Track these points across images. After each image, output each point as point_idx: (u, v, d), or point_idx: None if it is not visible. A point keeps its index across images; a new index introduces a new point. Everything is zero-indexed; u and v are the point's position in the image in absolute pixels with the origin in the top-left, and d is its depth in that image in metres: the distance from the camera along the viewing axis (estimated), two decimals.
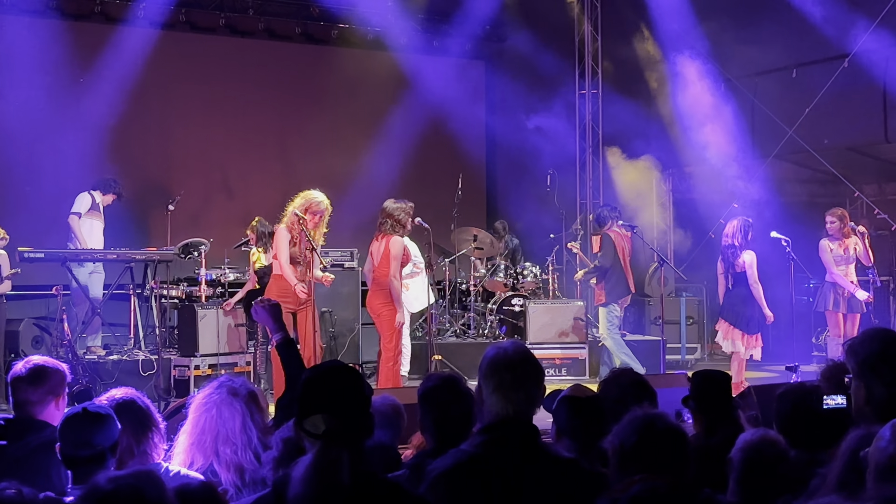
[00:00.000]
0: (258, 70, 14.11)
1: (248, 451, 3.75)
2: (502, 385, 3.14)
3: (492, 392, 3.17)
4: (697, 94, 13.29)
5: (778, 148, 12.58)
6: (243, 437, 3.76)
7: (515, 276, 12.70)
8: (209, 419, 3.77)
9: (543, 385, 3.27)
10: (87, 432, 3.38)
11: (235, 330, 10.05)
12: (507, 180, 14.41)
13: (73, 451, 3.37)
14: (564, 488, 3.07)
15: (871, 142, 12.73)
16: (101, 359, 10.00)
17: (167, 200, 11.33)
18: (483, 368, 3.22)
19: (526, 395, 3.15)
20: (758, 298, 9.55)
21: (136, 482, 2.56)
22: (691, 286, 13.85)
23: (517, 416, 3.14)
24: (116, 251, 10.50)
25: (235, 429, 3.76)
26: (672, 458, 2.90)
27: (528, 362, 3.20)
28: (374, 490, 2.66)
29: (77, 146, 11.53)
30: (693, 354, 13.14)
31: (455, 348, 11.72)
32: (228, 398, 3.80)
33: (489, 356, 3.22)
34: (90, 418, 3.42)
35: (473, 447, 3.13)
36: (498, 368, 3.17)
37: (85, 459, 3.36)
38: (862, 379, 3.26)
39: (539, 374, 3.23)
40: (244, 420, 3.78)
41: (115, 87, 12.04)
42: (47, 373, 4.16)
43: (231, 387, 3.85)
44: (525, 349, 3.27)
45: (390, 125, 13.71)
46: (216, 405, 3.79)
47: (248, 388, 3.88)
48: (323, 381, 2.76)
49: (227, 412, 3.77)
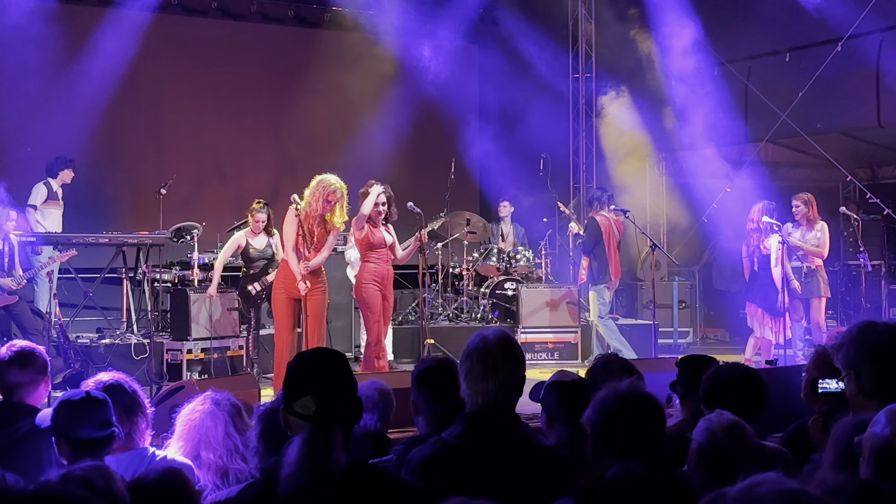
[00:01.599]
0: (250, 53, 14.07)
1: (233, 456, 3.85)
2: (472, 373, 3.14)
3: (463, 379, 3.18)
4: (691, 78, 13.28)
5: (771, 132, 12.58)
6: (227, 443, 3.86)
7: (508, 260, 12.70)
8: (192, 427, 3.87)
9: (522, 374, 3.21)
10: (105, 413, 3.39)
11: (228, 314, 10.04)
12: (500, 164, 14.38)
13: (95, 433, 3.35)
14: (544, 476, 3.05)
15: (864, 126, 12.73)
16: (94, 343, 9.99)
17: (159, 184, 11.30)
18: (461, 355, 3.22)
19: (497, 385, 3.12)
20: (776, 281, 9.63)
21: (83, 473, 2.56)
22: (684, 270, 13.87)
23: (488, 405, 3.12)
24: (109, 235, 10.50)
25: (218, 436, 3.86)
26: (648, 429, 2.89)
27: (505, 351, 3.17)
28: (362, 476, 2.66)
29: (68, 130, 11.49)
30: (685, 338, 13.17)
31: (448, 332, 11.74)
32: (212, 408, 3.91)
33: (469, 343, 3.22)
34: (100, 401, 3.42)
35: (452, 437, 3.12)
36: (470, 356, 3.16)
37: (103, 440, 3.36)
38: (851, 371, 3.28)
39: (516, 364, 3.18)
40: (227, 428, 3.88)
41: (107, 70, 11.99)
42: (34, 355, 4.16)
43: (215, 398, 3.95)
44: (506, 337, 3.23)
45: (383, 109, 13.68)
46: (200, 414, 3.90)
47: (231, 402, 3.99)
48: (311, 365, 2.76)
49: (209, 420, 3.88)
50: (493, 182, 14.62)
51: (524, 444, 3.14)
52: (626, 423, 2.88)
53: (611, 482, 2.76)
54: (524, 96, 13.87)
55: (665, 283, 13.34)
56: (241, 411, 3.99)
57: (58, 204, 10.77)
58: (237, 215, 11.24)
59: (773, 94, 12.49)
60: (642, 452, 2.85)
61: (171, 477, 2.90)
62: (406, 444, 3.63)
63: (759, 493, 1.47)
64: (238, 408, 3.99)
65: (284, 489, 2.54)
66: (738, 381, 3.89)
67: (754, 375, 3.96)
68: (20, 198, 10.42)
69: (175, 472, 2.94)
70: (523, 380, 3.22)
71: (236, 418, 3.93)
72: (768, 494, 1.46)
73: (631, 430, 2.87)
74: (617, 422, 2.88)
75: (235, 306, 10.09)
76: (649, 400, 2.95)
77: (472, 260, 12.73)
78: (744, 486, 1.50)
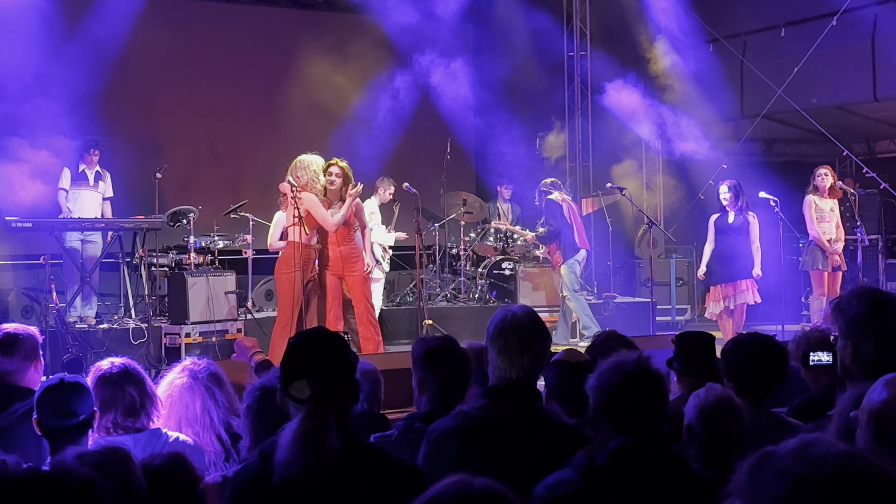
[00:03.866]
0: (245, 35, 14.01)
1: (209, 433, 3.90)
2: (507, 348, 3.15)
3: (497, 354, 3.18)
4: (685, 53, 13.24)
5: (767, 108, 12.56)
6: (204, 420, 3.91)
7: (505, 240, 12.70)
8: (172, 403, 3.91)
9: (550, 350, 3.27)
10: (72, 402, 3.38)
11: (226, 297, 10.04)
12: (496, 144, 14.36)
13: (58, 422, 3.35)
14: (563, 453, 3.07)
15: (860, 100, 12.71)
16: (92, 328, 9.99)
17: (155, 168, 11.27)
18: (490, 330, 3.22)
19: (531, 359, 3.15)
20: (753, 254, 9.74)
21: (101, 459, 2.56)
22: (681, 248, 13.88)
23: (521, 380, 3.15)
24: (104, 220, 10.48)
25: (196, 412, 3.91)
26: (650, 406, 2.89)
27: (537, 326, 3.21)
28: (361, 456, 2.67)
29: (63, 114, 11.43)
30: (683, 316, 13.19)
31: (446, 312, 11.75)
32: (189, 382, 3.95)
33: (497, 318, 3.22)
34: (70, 388, 3.41)
35: (475, 409, 3.14)
36: (505, 331, 3.17)
37: (70, 429, 3.35)
38: (849, 338, 3.24)
39: (545, 339, 3.23)
40: (204, 402, 3.93)
41: (101, 52, 11.92)
42: (19, 339, 4.15)
43: (192, 370, 3.98)
44: (534, 313, 3.27)
45: (378, 90, 13.63)
46: (178, 390, 3.93)
47: (209, 371, 4.02)
48: (307, 347, 2.76)
49: (188, 396, 3.92)
50: (490, 162, 14.60)
51: (545, 420, 3.16)
52: (628, 400, 2.87)
53: (611, 454, 2.77)
54: (520, 76, 13.83)
55: (662, 260, 13.35)
56: (220, 379, 4.01)
57: (88, 185, 10.70)
58: (233, 199, 11.22)
59: (768, 69, 12.47)
60: (643, 428, 2.85)
61: (176, 462, 2.91)
62: (408, 420, 3.64)
63: (816, 453, 1.43)
64: (217, 377, 4.01)
65: (280, 474, 2.55)
66: (758, 350, 3.84)
67: (775, 343, 3.94)
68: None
69: (179, 458, 2.95)
70: (551, 355, 3.26)
71: (214, 389, 3.96)
72: (829, 455, 1.42)
73: (633, 407, 2.86)
74: (619, 397, 2.87)
75: (232, 289, 10.08)
76: (653, 376, 2.94)
77: (470, 240, 12.73)
78: (796, 446, 1.46)
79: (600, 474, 2.74)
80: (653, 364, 2.97)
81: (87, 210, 10.55)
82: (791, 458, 1.43)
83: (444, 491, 1.79)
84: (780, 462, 1.43)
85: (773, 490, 1.40)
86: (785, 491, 1.39)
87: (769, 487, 1.41)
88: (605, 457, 2.78)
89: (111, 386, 3.70)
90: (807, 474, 1.40)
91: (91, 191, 10.71)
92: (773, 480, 1.41)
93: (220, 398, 3.98)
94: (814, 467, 1.40)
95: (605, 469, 2.75)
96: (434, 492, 1.79)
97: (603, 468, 2.75)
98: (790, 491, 1.39)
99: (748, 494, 1.44)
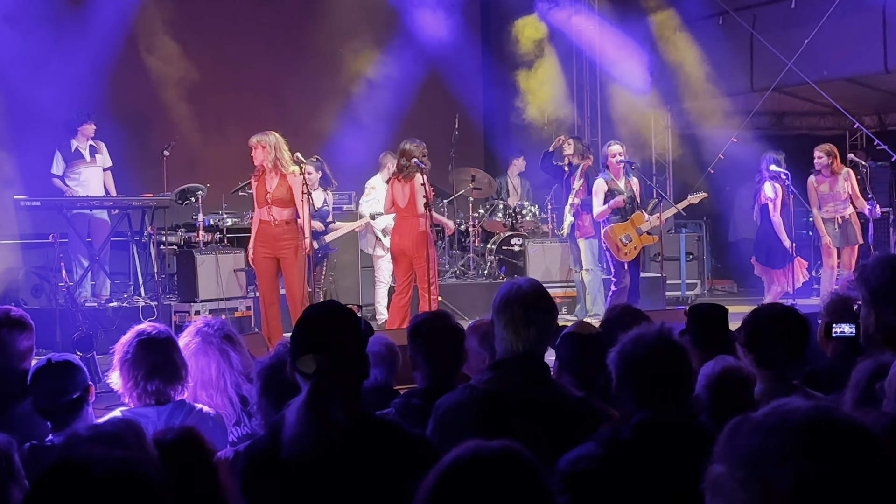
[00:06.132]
0: (251, 13, 13.96)
1: (223, 396, 3.89)
2: (513, 320, 3.14)
3: (503, 327, 3.17)
4: (695, 26, 13.15)
5: (777, 80, 12.45)
6: (219, 383, 3.89)
7: (514, 215, 12.66)
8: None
9: (556, 323, 3.25)
10: (61, 380, 3.41)
11: (235, 275, 10.03)
12: (504, 119, 14.29)
13: (51, 402, 3.39)
14: (572, 426, 3.06)
15: (871, 72, 12.59)
16: (102, 306, 10.00)
17: (162, 146, 11.24)
18: (496, 303, 3.21)
19: (537, 331, 3.14)
20: (777, 230, 9.66)
21: (114, 430, 2.56)
22: (691, 222, 13.83)
23: (527, 352, 3.13)
24: (112, 198, 10.47)
25: (212, 375, 3.88)
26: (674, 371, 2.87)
27: (542, 299, 3.20)
28: (370, 430, 2.65)
29: (69, 93, 11.41)
30: (693, 290, 13.16)
31: (455, 289, 11.73)
32: (203, 345, 3.92)
33: (503, 291, 3.21)
34: (60, 367, 3.44)
35: (482, 383, 3.13)
36: (510, 303, 3.16)
37: (63, 408, 3.37)
38: (873, 306, 3.22)
39: (552, 311, 3.21)
40: (219, 365, 3.91)
41: (107, 32, 11.88)
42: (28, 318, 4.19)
43: (205, 332, 3.96)
44: (539, 286, 3.26)
45: (385, 66, 13.56)
46: (192, 353, 3.89)
47: (223, 332, 3.99)
48: (317, 321, 2.74)
49: (202, 360, 3.90)
50: (498, 137, 14.54)
51: (553, 392, 3.14)
52: (651, 372, 2.85)
53: (635, 428, 2.75)
54: (528, 50, 13.74)
55: (672, 235, 13.30)
56: (233, 339, 3.99)
57: (85, 162, 10.65)
58: (241, 176, 11.17)
59: (778, 41, 12.35)
60: (667, 401, 2.83)
61: (188, 437, 2.91)
62: (405, 398, 3.64)
63: (787, 408, 1.47)
64: (230, 337, 3.99)
65: (287, 450, 2.55)
66: (780, 319, 3.76)
67: (796, 313, 3.87)
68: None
69: (192, 432, 2.95)
70: (557, 329, 3.24)
71: (228, 350, 3.94)
72: (799, 409, 1.47)
73: (656, 379, 2.84)
74: (642, 370, 2.85)
75: (242, 266, 10.08)
76: (677, 348, 2.91)
77: (478, 216, 12.69)
78: (770, 406, 1.51)
79: (624, 448, 2.72)
80: (674, 335, 2.95)
81: (92, 187, 10.52)
82: (764, 415, 1.48)
83: (461, 454, 1.77)
84: (754, 420, 1.48)
85: (746, 443, 1.45)
86: (756, 441, 1.44)
87: (743, 442, 1.46)
88: (628, 430, 2.75)
89: (159, 350, 3.64)
90: (776, 425, 1.45)
91: (91, 167, 10.62)
92: (747, 435, 1.47)
93: (235, 360, 3.95)
94: (783, 419, 1.46)
95: (629, 443, 2.73)
96: (451, 456, 1.78)
97: (627, 442, 2.73)
98: (761, 440, 1.44)
99: (726, 454, 1.48)
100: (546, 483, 1.81)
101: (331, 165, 11.10)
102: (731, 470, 1.46)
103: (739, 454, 1.46)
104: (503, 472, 1.75)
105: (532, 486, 1.77)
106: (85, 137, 10.64)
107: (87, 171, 10.61)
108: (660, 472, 2.69)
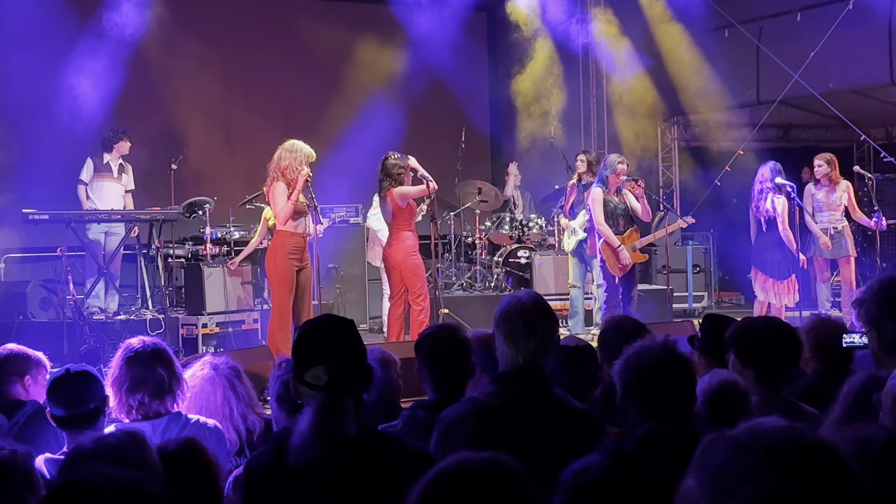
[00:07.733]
0: (258, 25, 14.02)
1: (227, 423, 3.95)
2: (513, 333, 3.15)
3: (503, 340, 3.18)
4: (701, 39, 13.16)
5: (783, 93, 12.46)
6: (224, 410, 3.97)
7: (521, 227, 12.67)
8: (194, 395, 3.95)
9: (557, 335, 3.27)
10: (80, 390, 3.43)
11: (242, 288, 10.06)
12: (510, 132, 14.32)
13: (68, 411, 3.40)
14: (574, 438, 3.07)
15: (877, 84, 12.59)
16: (109, 319, 10.03)
17: (170, 159, 11.29)
18: (497, 317, 3.22)
19: (537, 344, 3.15)
20: (787, 243, 9.62)
21: (117, 442, 2.58)
22: (697, 234, 13.82)
23: (528, 366, 3.15)
24: (120, 211, 10.51)
25: (217, 402, 3.97)
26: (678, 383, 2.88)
27: (542, 311, 3.20)
28: (373, 443, 2.67)
29: (79, 107, 11.46)
30: (700, 302, 13.14)
31: (462, 301, 11.72)
32: (211, 373, 4.01)
33: (503, 305, 3.23)
34: (78, 377, 3.45)
35: (485, 396, 3.14)
36: (510, 316, 3.17)
37: (82, 417, 3.39)
38: (872, 325, 3.25)
39: (552, 323, 3.22)
40: (225, 393, 3.99)
41: (115, 45, 11.93)
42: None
43: (214, 363, 4.06)
44: (540, 298, 3.27)
45: (391, 78, 13.61)
46: (200, 380, 3.99)
47: (229, 365, 4.10)
48: (320, 333, 2.76)
49: (209, 387, 3.99)
50: (505, 149, 14.55)
51: (556, 404, 3.16)
52: (656, 384, 2.85)
53: (640, 439, 2.75)
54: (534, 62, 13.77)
55: (679, 247, 13.29)
56: (240, 374, 4.07)
57: (111, 176, 10.77)
58: (249, 189, 11.21)
59: (784, 54, 12.36)
60: (672, 413, 2.83)
61: (190, 447, 2.92)
62: (412, 410, 3.65)
63: (761, 426, 1.50)
64: (237, 370, 4.06)
65: (294, 459, 2.55)
66: (772, 333, 3.76)
67: (789, 327, 3.88)
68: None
69: (194, 443, 2.96)
70: (558, 340, 3.25)
71: (235, 382, 4.02)
72: (772, 428, 1.49)
73: (661, 391, 2.85)
74: (647, 382, 2.86)
75: (249, 280, 10.10)
76: (681, 359, 2.92)
77: (485, 229, 12.71)
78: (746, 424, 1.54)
79: (629, 459, 2.72)
80: (679, 347, 2.96)
81: (110, 201, 10.62)
82: (737, 433, 1.52)
83: (446, 465, 1.80)
84: (727, 437, 1.52)
85: (717, 459, 1.49)
86: (726, 458, 1.48)
87: (715, 458, 1.49)
88: (633, 442, 2.76)
89: (142, 364, 3.65)
90: (746, 443, 1.48)
91: (115, 182, 10.79)
92: (719, 452, 1.50)
93: (241, 391, 4.04)
94: (754, 436, 1.49)
95: (634, 454, 2.73)
96: (438, 468, 1.80)
97: (631, 453, 2.73)
98: (730, 457, 1.47)
99: (698, 468, 1.51)
100: (534, 496, 1.82)
101: (338, 178, 11.13)
102: (700, 484, 1.49)
103: (710, 469, 1.49)
104: (488, 485, 1.77)
105: (518, 498, 1.78)
106: (118, 154, 10.83)
107: (110, 186, 10.75)
108: (664, 483, 2.69)
